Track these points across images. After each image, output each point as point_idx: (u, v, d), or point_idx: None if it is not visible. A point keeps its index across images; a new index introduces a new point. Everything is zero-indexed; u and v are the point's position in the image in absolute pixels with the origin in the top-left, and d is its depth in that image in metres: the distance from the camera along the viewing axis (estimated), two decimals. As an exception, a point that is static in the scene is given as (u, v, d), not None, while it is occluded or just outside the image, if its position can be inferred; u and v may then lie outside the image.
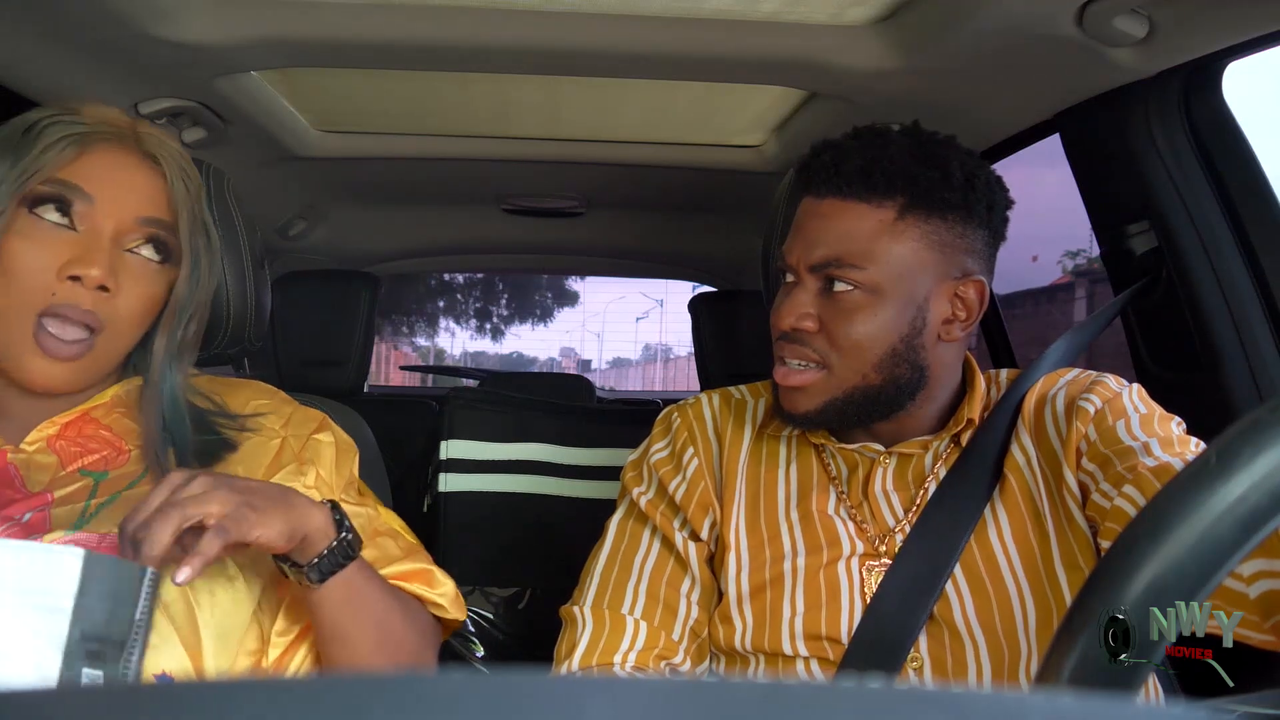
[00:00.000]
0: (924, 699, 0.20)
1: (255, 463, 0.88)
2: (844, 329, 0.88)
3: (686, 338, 12.12)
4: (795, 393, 0.92)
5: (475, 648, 1.38)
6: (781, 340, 0.93)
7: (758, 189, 1.86)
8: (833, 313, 0.89)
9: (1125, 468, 0.82)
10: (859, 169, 0.87)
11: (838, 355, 0.89)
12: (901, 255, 0.87)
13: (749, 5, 1.20)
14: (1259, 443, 0.39)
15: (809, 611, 0.91)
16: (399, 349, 18.81)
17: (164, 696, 0.20)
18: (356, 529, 0.82)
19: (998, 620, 0.87)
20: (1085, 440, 0.88)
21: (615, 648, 0.93)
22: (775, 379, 0.93)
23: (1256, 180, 1.17)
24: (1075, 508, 0.88)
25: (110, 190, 0.81)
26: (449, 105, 1.68)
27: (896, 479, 0.95)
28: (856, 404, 0.90)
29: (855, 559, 0.92)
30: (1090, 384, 0.92)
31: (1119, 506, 0.80)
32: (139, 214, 0.83)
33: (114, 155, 0.83)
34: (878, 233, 0.87)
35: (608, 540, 1.01)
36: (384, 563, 0.89)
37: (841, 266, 0.87)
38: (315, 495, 0.88)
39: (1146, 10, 1.03)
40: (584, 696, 0.19)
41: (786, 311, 0.91)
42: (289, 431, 0.92)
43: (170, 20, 1.17)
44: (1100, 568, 0.41)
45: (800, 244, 0.91)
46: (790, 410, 0.93)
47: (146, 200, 0.84)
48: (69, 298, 0.79)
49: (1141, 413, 0.88)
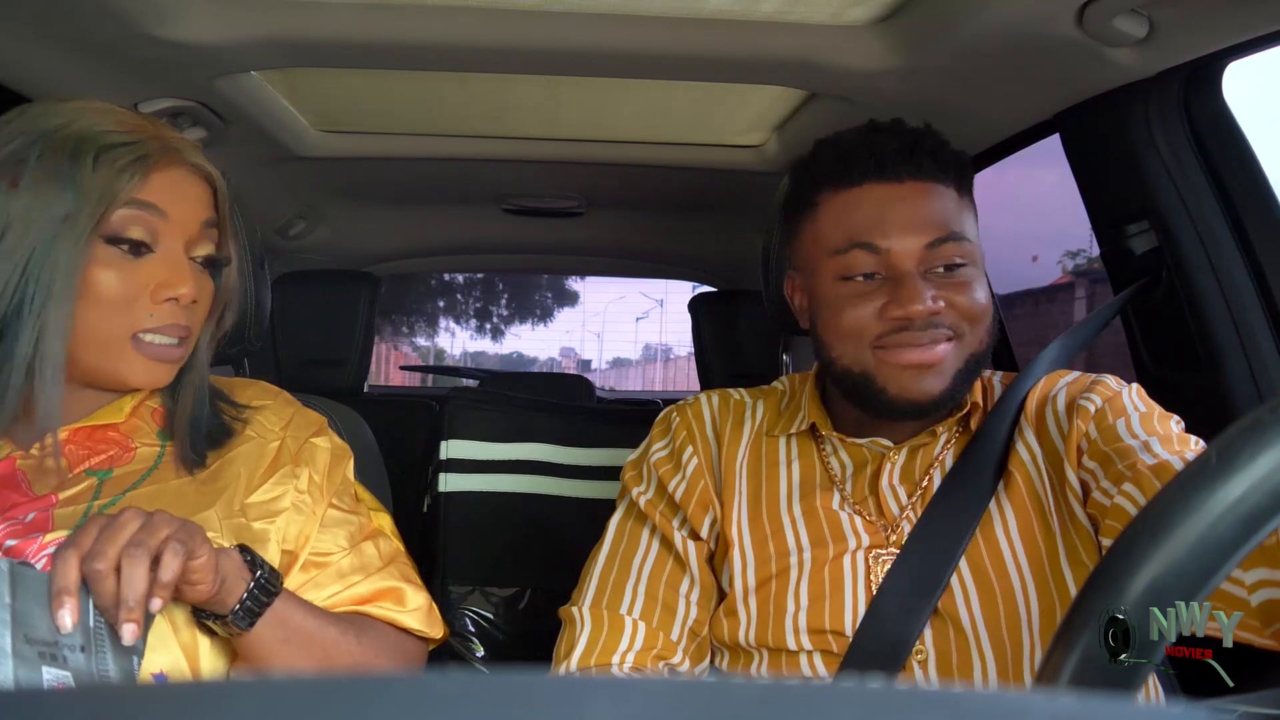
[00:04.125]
0: (924, 699, 0.20)
1: (255, 464, 0.88)
2: (969, 300, 0.90)
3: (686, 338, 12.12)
4: (930, 375, 0.89)
5: (475, 648, 1.38)
6: (901, 332, 0.89)
7: (758, 189, 1.86)
8: (952, 288, 0.90)
9: (1125, 466, 0.82)
10: (930, 152, 0.91)
11: (969, 324, 0.90)
12: (974, 228, 0.94)
13: (749, 5, 1.20)
14: (1259, 443, 0.39)
15: (813, 605, 0.91)
16: (399, 349, 18.80)
17: (163, 697, 0.20)
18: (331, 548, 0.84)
19: (1002, 615, 0.88)
20: (1086, 439, 0.89)
21: (614, 648, 0.93)
22: (908, 361, 0.89)
23: (1256, 180, 1.17)
24: (1077, 505, 0.89)
25: (180, 205, 0.84)
26: (449, 105, 1.68)
27: (904, 472, 0.96)
28: (971, 373, 0.92)
29: (861, 551, 0.92)
30: (1090, 384, 0.94)
31: (1119, 504, 0.81)
32: (201, 219, 0.86)
33: (174, 170, 0.84)
34: (960, 209, 0.92)
35: (607, 540, 1.01)
36: (357, 574, 0.89)
37: (958, 240, 0.90)
38: (307, 499, 0.89)
39: (1146, 10, 1.03)
40: (584, 696, 0.19)
41: (912, 299, 0.87)
42: (288, 434, 0.92)
43: (170, 20, 1.17)
44: (1100, 568, 0.41)
45: (897, 229, 0.89)
46: (919, 397, 0.89)
47: (204, 205, 0.87)
48: (167, 318, 0.83)
49: (1141, 411, 0.89)
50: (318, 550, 0.89)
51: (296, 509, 0.87)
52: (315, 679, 0.19)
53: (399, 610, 0.91)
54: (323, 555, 0.89)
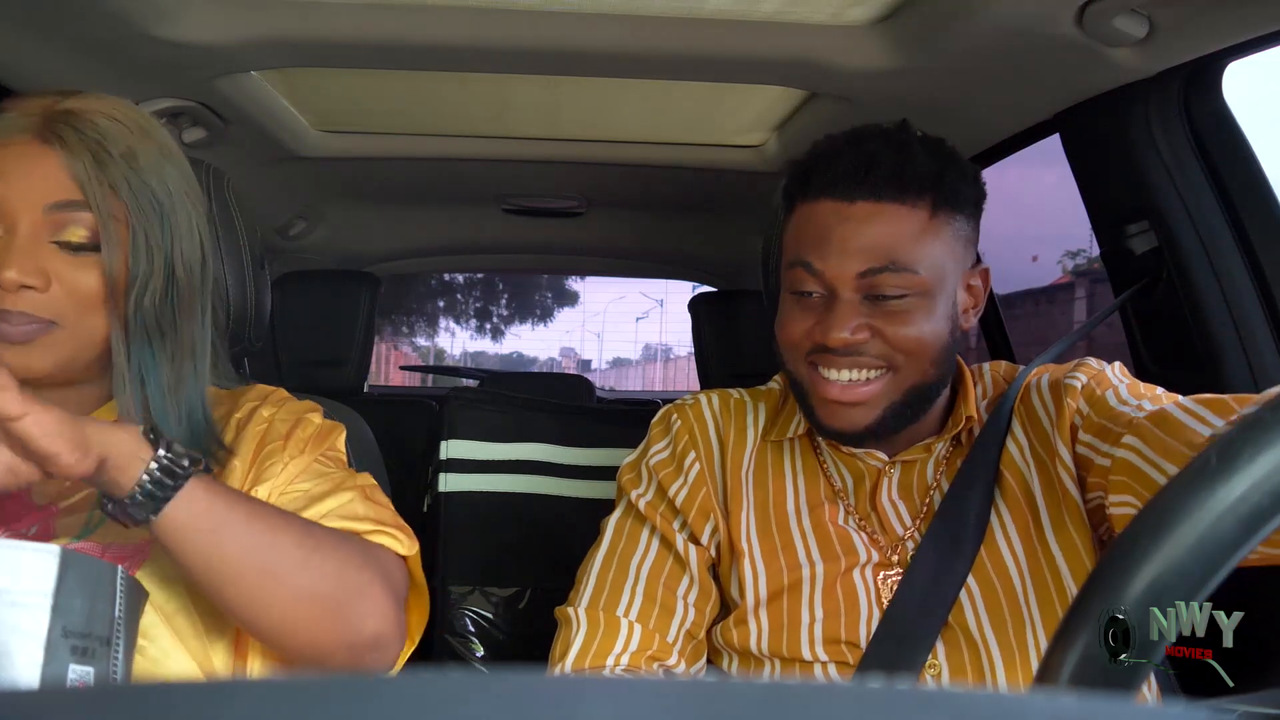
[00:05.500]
0: (924, 699, 0.20)
1: (244, 449, 0.86)
2: (903, 333, 0.86)
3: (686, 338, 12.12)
4: (853, 409, 0.88)
5: (475, 648, 1.38)
6: (823, 354, 0.88)
7: (758, 189, 1.86)
8: (886, 319, 0.86)
9: (1122, 425, 0.83)
10: (892, 170, 0.85)
11: (902, 356, 0.87)
12: (940, 253, 0.87)
13: (749, 5, 1.20)
14: (1259, 443, 0.39)
15: (828, 618, 0.91)
16: (399, 349, 18.81)
17: (163, 697, 0.20)
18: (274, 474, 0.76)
19: (1008, 621, 0.88)
20: (1079, 415, 0.89)
21: (609, 649, 0.93)
22: (828, 395, 0.88)
23: (1256, 180, 1.17)
24: (1071, 484, 0.89)
25: (15, 184, 0.77)
26: (449, 105, 1.68)
27: (901, 488, 0.95)
28: (911, 404, 0.89)
29: (870, 567, 0.92)
30: (1074, 366, 0.94)
31: (1122, 458, 0.80)
32: (46, 201, 0.77)
33: (18, 147, 0.78)
34: (920, 233, 0.86)
35: (604, 541, 1.00)
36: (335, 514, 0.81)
37: (896, 271, 0.85)
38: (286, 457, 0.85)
39: (1146, 10, 1.03)
40: (584, 696, 0.19)
41: (834, 326, 0.86)
42: (277, 415, 0.90)
43: (170, 20, 1.17)
44: (1100, 567, 0.41)
45: (835, 253, 0.86)
46: (846, 428, 0.89)
47: (55, 186, 0.77)
48: (8, 304, 0.75)
49: (1126, 382, 0.91)
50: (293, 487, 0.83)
51: (282, 464, 0.84)
52: (314, 679, 0.19)
53: (371, 526, 0.82)
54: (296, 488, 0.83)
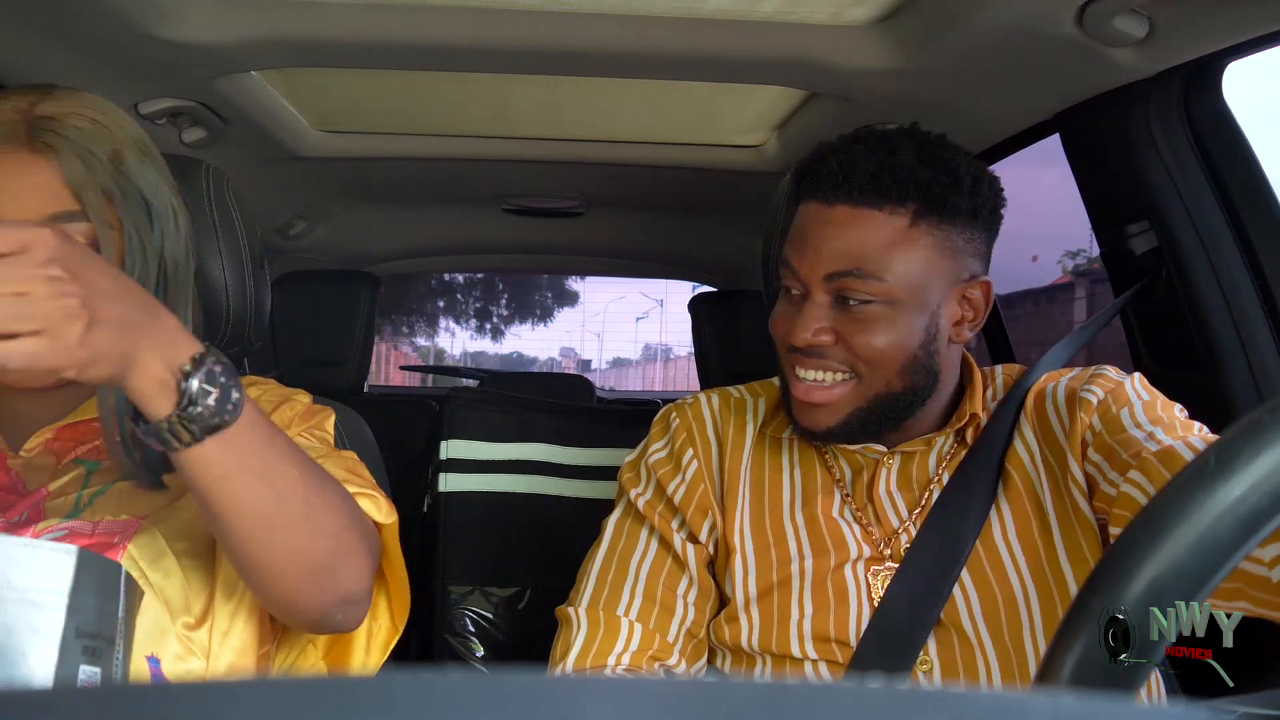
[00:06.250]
0: (923, 699, 0.20)
1: None
2: (864, 340, 0.87)
3: (686, 338, 12.11)
4: (817, 409, 0.90)
5: (475, 648, 1.38)
6: (795, 353, 0.90)
7: (758, 189, 1.86)
8: (850, 325, 0.87)
9: (1130, 455, 0.82)
10: (871, 175, 0.85)
11: (864, 364, 0.88)
12: (916, 264, 0.86)
13: (749, 5, 1.20)
14: (1259, 443, 0.39)
15: (817, 614, 0.90)
16: (399, 349, 18.81)
17: (163, 697, 0.20)
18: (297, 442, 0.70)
19: (1004, 621, 0.87)
20: (1090, 431, 0.88)
21: (609, 649, 0.92)
22: (796, 393, 0.91)
23: (1256, 180, 1.17)
24: (1081, 498, 0.88)
25: (12, 198, 0.73)
26: (449, 105, 1.68)
27: (900, 480, 0.95)
28: (878, 412, 0.90)
29: (861, 562, 0.92)
30: (1091, 376, 0.93)
31: (1126, 493, 0.80)
32: (43, 214, 0.74)
33: (9, 157, 0.74)
34: (893, 242, 0.85)
35: (604, 541, 1.00)
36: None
37: (861, 277, 0.85)
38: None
39: (1146, 10, 1.03)
40: (584, 696, 0.19)
41: (800, 326, 0.88)
42: (263, 395, 0.90)
43: (170, 20, 1.17)
44: (1100, 567, 0.41)
45: (810, 254, 0.88)
46: (811, 427, 0.91)
47: (51, 198, 0.75)
48: None
49: (1144, 399, 0.89)
50: None
51: None
52: (314, 679, 0.19)
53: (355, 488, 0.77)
54: None
